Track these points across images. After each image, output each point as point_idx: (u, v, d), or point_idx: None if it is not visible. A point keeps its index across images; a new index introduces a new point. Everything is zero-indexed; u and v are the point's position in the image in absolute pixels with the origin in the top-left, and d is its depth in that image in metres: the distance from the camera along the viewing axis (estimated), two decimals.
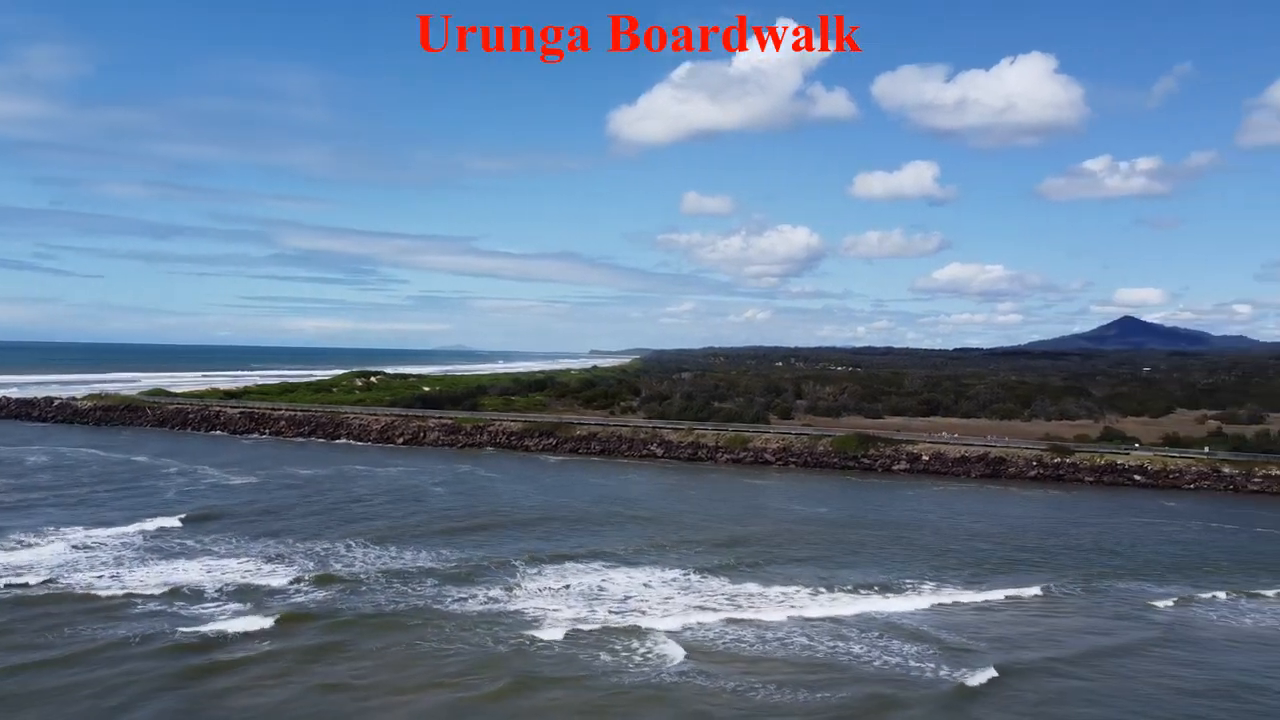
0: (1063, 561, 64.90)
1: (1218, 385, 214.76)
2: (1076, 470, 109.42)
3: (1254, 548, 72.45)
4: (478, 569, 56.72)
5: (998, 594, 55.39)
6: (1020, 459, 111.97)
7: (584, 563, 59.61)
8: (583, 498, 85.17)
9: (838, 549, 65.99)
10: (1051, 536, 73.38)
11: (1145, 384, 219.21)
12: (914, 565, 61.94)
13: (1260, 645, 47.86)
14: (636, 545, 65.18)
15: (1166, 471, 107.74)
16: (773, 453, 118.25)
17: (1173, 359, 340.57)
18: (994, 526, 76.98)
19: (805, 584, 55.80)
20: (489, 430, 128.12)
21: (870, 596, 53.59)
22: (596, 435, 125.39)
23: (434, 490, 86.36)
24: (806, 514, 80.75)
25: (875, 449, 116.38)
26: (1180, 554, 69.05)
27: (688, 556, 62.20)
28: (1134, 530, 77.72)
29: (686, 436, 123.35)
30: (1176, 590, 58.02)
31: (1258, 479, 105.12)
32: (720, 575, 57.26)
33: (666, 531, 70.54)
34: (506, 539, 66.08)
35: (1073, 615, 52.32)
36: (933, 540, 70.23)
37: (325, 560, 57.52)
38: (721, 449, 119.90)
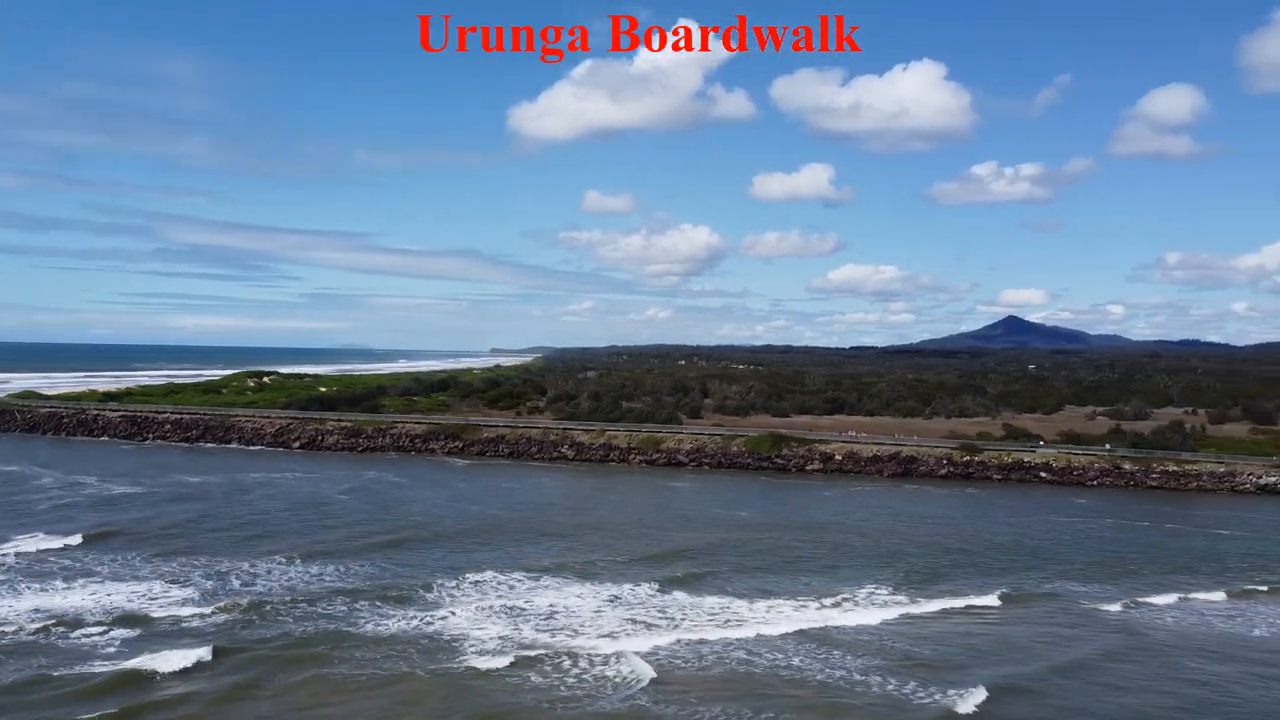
0: (1002, 565, 63.66)
1: (1102, 382, 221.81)
2: (985, 468, 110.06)
3: (1172, 545, 72.59)
4: (395, 586, 52.35)
5: (955, 602, 53.40)
6: (931, 458, 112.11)
7: (507, 575, 55.75)
8: (498, 504, 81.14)
9: (773, 557, 63.35)
10: (978, 538, 72.35)
11: (1035, 382, 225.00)
12: (857, 573, 59.74)
13: (1228, 654, 46.61)
14: (561, 556, 61.65)
15: (1071, 468, 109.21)
16: (686, 453, 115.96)
17: (1055, 357, 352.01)
18: (921, 529, 75.65)
19: (749, 596, 53.05)
20: (391, 433, 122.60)
21: (826, 609, 51.04)
22: (505, 437, 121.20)
23: (339, 499, 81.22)
24: (728, 518, 78.38)
25: (789, 449, 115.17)
26: (1107, 554, 68.51)
27: (616, 567, 58.89)
28: (1054, 530, 77.39)
29: (598, 438, 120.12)
30: (1119, 593, 57.10)
31: (1156, 475, 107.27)
32: (657, 587, 54.08)
33: (590, 539, 67.18)
34: (423, 551, 61.71)
35: (1036, 624, 50.49)
36: (865, 544, 68.34)
37: (226, 581, 52.38)
38: (634, 450, 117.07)
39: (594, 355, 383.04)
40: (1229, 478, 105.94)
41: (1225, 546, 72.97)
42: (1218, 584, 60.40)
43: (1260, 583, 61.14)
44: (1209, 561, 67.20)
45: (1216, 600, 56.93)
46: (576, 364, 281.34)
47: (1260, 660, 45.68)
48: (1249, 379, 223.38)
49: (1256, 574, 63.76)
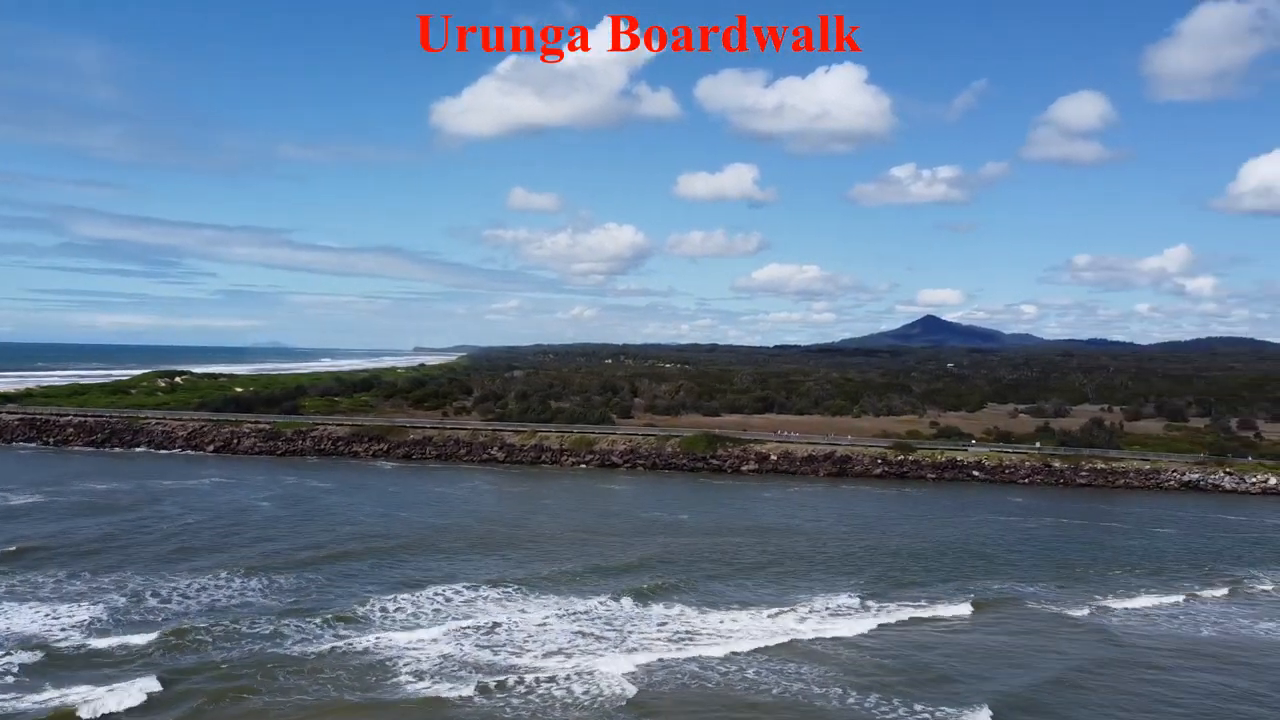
0: (958, 569, 61.94)
1: (1020, 381, 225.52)
2: (919, 467, 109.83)
3: (1114, 544, 72.25)
4: (327, 604, 48.59)
5: (925, 611, 51.45)
6: (866, 457, 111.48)
7: (448, 588, 52.37)
8: (431, 511, 77.48)
9: (725, 565, 60.91)
10: (926, 541, 70.88)
11: (957, 380, 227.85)
12: (815, 580, 57.56)
13: (1216, 659, 45.59)
14: (504, 567, 58.37)
15: (1003, 467, 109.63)
16: (620, 455, 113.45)
17: (972, 355, 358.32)
18: (868, 532, 73.99)
19: (709, 607, 50.46)
20: (312, 435, 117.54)
21: (795, 621, 48.54)
22: (432, 439, 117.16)
23: (260, 506, 76.61)
24: (671, 522, 75.96)
25: (724, 449, 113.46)
26: (1055, 555, 67.60)
27: (563, 578, 55.80)
28: (998, 530, 76.52)
29: (529, 439, 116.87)
30: (1081, 597, 55.93)
31: (1085, 473, 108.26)
32: (608, 599, 51.24)
33: (532, 547, 64.09)
34: (355, 564, 57.78)
35: (1014, 633, 48.59)
36: (815, 549, 66.37)
37: (140, 599, 48.00)
38: (567, 452, 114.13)
39: (520, 354, 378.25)
40: (1154, 475, 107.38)
41: (1163, 545, 72.98)
42: (1170, 585, 59.77)
43: (1211, 583, 60.86)
44: (1152, 560, 66.99)
45: (1176, 601, 56.07)
46: (502, 363, 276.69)
47: (1256, 666, 44.82)
48: (1158, 377, 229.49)
49: (1201, 573, 63.58)
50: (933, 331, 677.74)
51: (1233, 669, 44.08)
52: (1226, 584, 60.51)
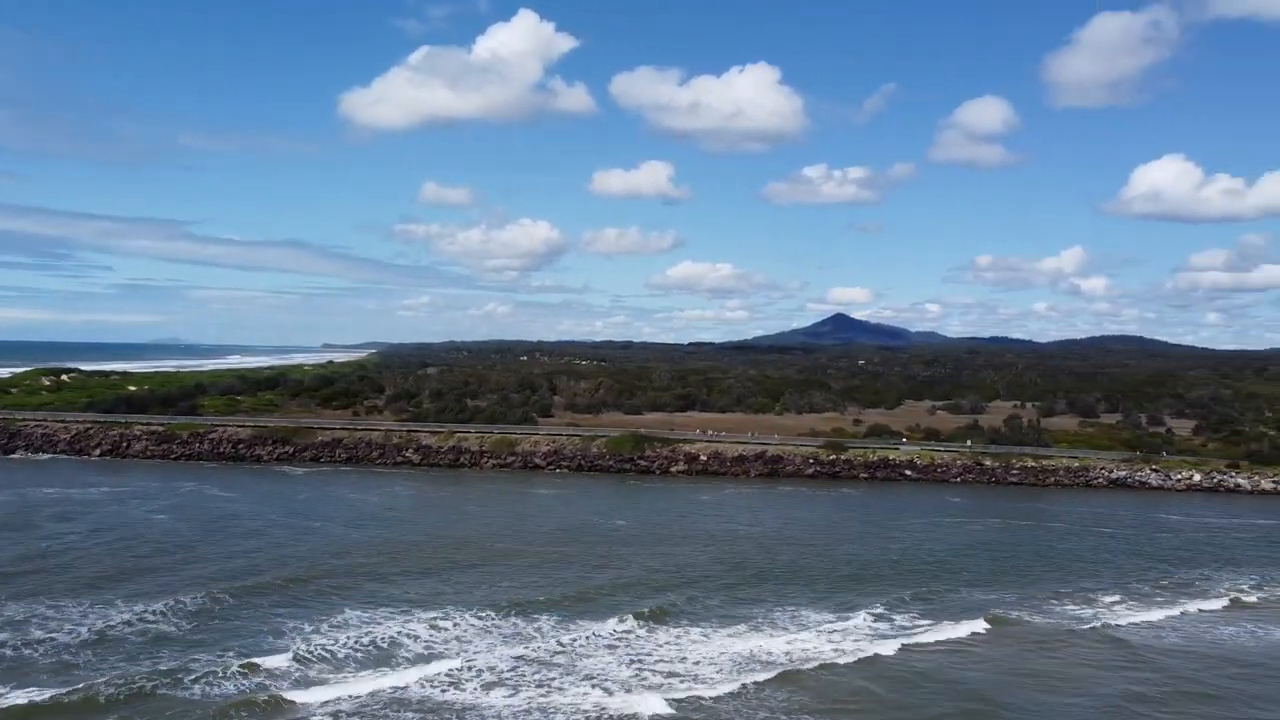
0: (934, 580, 57.54)
1: (935, 378, 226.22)
2: (852, 467, 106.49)
3: (1065, 547, 69.06)
4: (234, 633, 42.25)
5: (943, 632, 46.94)
6: (797, 457, 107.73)
7: (373, 613, 46.26)
8: (346, 520, 70.47)
9: (679, 576, 55.73)
10: (884, 547, 66.54)
11: (873, 377, 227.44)
12: (793, 593, 52.74)
13: (1238, 663, 43.02)
14: (433, 584, 52.28)
15: (935, 466, 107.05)
16: (543, 456, 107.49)
17: (882, 352, 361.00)
18: (820, 538, 69.16)
19: (675, 627, 45.49)
20: (211, 438, 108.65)
21: (811, 642, 43.99)
22: (342, 441, 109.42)
23: (154, 519, 68.53)
24: (607, 528, 70.47)
25: (651, 449, 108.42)
26: (1023, 561, 63.88)
27: (501, 595, 50.06)
28: (949, 535, 72.61)
29: (446, 440, 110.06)
30: (1082, 608, 52.52)
31: (1015, 471, 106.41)
32: (557, 621, 45.84)
33: (462, 560, 58.03)
34: (263, 584, 51.00)
35: (1049, 652, 44.67)
36: (769, 558, 61.41)
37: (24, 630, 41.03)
38: (486, 453, 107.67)
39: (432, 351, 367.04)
40: (1083, 473, 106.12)
41: (1117, 545, 70.23)
42: (1162, 594, 56.74)
43: (1197, 591, 58.01)
44: (1114, 564, 63.90)
45: (1183, 613, 52.74)
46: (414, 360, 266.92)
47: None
48: (1064, 374, 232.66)
49: (1177, 580, 60.56)
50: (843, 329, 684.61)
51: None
52: (1214, 592, 57.52)
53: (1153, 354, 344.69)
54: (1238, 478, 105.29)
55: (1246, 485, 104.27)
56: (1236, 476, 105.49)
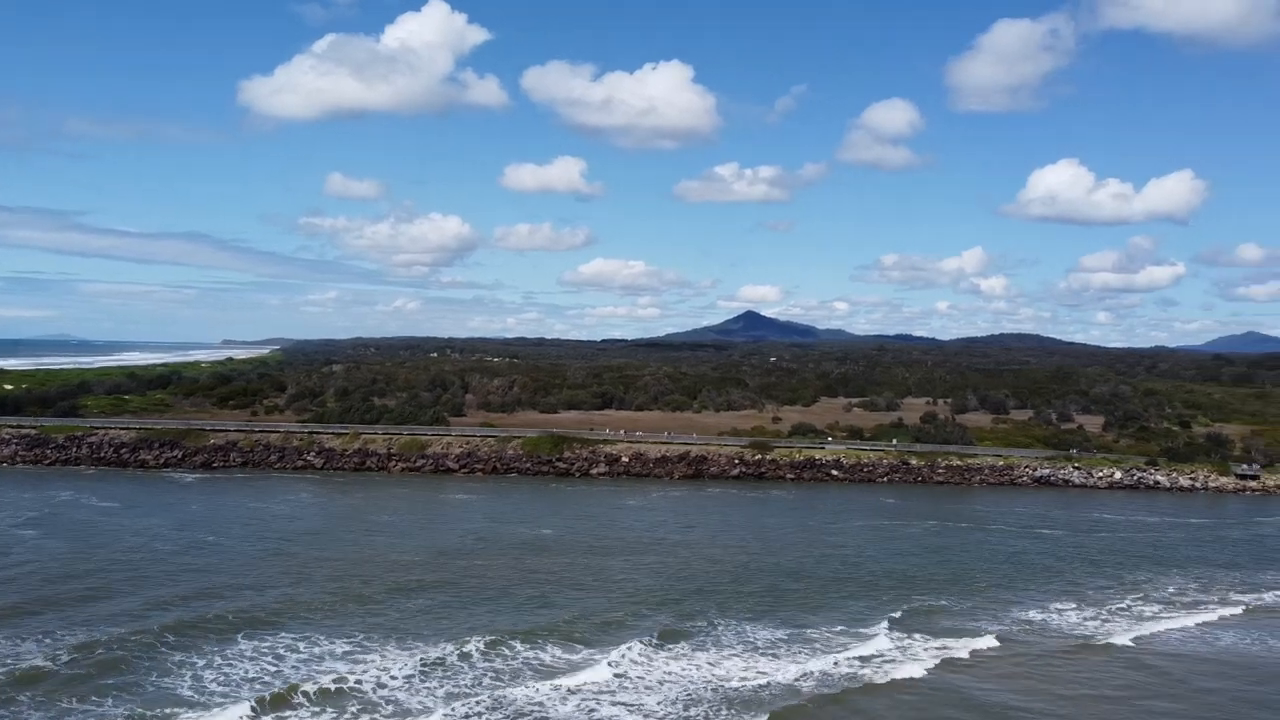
0: (895, 588, 52.97)
1: (848, 375, 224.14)
2: (778, 467, 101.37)
3: (1010, 549, 64.28)
4: (112, 665, 35.45)
5: (958, 645, 42.78)
6: (722, 457, 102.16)
7: (274, 640, 39.14)
8: (243, 533, 62.23)
9: (618, 591, 49.56)
10: (823, 552, 61.42)
11: (789, 374, 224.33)
12: (751, 611, 47.15)
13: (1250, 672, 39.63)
14: (342, 605, 45.09)
15: (861, 465, 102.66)
16: (456, 459, 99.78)
17: (792, 349, 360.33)
18: (757, 544, 63.63)
19: (631, 651, 39.50)
20: (90, 441, 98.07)
21: (834, 667, 38.65)
22: (237, 443, 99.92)
23: (22, 534, 59.65)
24: (533, 538, 63.59)
25: (570, 450, 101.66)
26: (980, 566, 59.72)
27: (421, 616, 43.42)
28: (886, 537, 67.79)
29: (351, 442, 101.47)
30: (1088, 617, 48.83)
31: (941, 469, 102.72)
32: (487, 645, 39.61)
33: (373, 575, 50.94)
34: (146, 608, 43.42)
35: (1083, 670, 40.73)
36: (719, 570, 55.52)
37: None
38: (395, 456, 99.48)
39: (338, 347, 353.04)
40: (1008, 471, 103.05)
41: (1062, 548, 66.12)
42: (1153, 601, 53.21)
43: (1192, 595, 54.58)
44: (1073, 569, 59.74)
45: (1195, 624, 49.00)
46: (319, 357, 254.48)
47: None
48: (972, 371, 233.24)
49: (1156, 585, 56.92)
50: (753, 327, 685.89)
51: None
52: (1210, 599, 54.11)
53: (1050, 351, 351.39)
54: (1157, 475, 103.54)
55: (1165, 482, 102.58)
56: (1155, 474, 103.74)
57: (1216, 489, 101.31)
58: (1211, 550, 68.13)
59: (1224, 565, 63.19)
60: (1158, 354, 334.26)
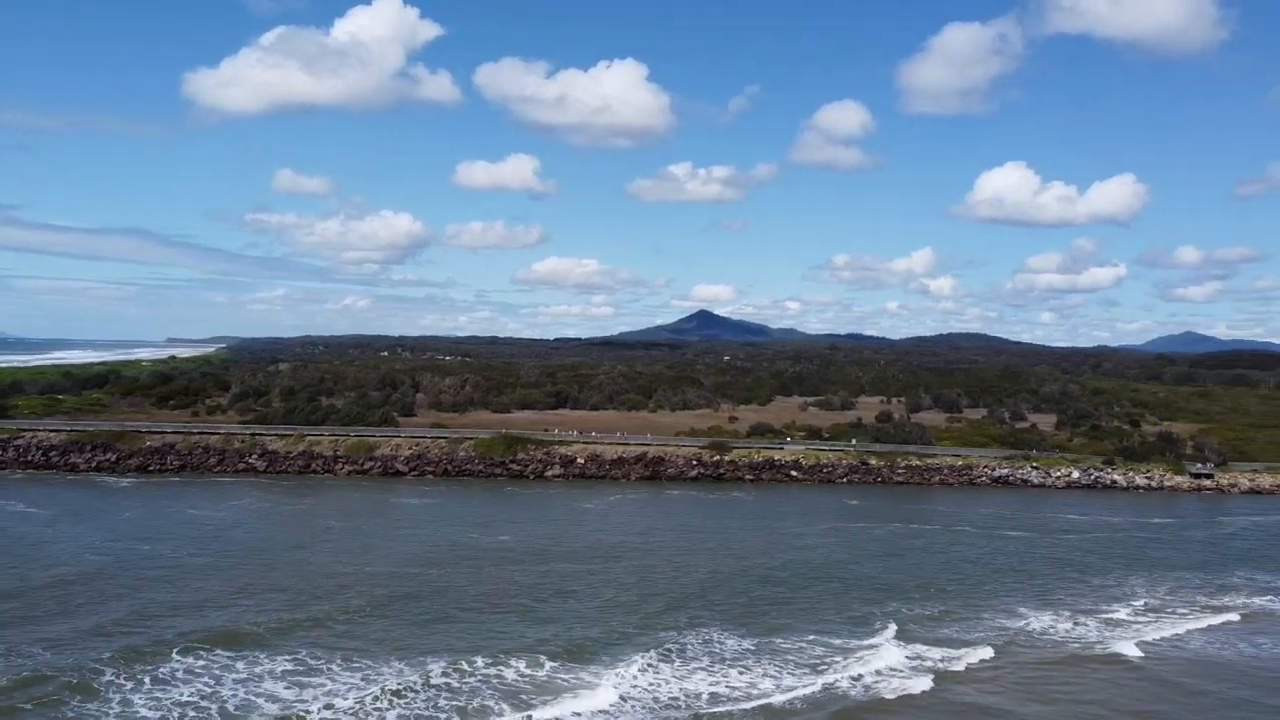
0: (887, 595, 50.44)
1: (802, 374, 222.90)
2: (736, 468, 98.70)
3: (980, 556, 62.17)
4: (37, 685, 32.39)
5: (954, 657, 40.32)
6: (680, 458, 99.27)
7: (210, 659, 35.57)
8: (179, 542, 58.10)
9: (593, 600, 46.17)
10: (793, 557, 58.93)
11: (744, 373, 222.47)
12: (730, 622, 44.22)
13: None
14: (288, 621, 41.54)
15: (820, 466, 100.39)
16: (405, 461, 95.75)
17: (746, 348, 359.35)
18: (721, 548, 60.73)
19: (645, 667, 36.73)
20: (16, 444, 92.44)
21: (754, 683, 34.64)
22: (175, 446, 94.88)
23: None
24: (490, 545, 60.13)
25: (525, 451, 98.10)
26: (964, 571, 57.42)
27: (376, 635, 39.90)
28: (855, 540, 65.07)
29: (296, 444, 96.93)
30: (1042, 622, 46.81)
31: (901, 470, 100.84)
32: (446, 666, 36.07)
33: (322, 589, 47.28)
34: (74, 624, 39.57)
35: (1056, 675, 39.07)
36: (674, 578, 52.24)
37: None
38: (342, 459, 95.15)
39: (286, 346, 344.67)
40: (967, 471, 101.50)
41: (1032, 551, 64.11)
42: (1153, 604, 51.45)
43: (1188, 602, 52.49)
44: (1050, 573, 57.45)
45: (1198, 628, 47.37)
46: (266, 356, 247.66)
47: None
48: (924, 371, 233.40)
49: (1133, 589, 55.04)
50: (707, 326, 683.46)
51: None
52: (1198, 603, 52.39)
53: (998, 350, 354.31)
54: (1114, 474, 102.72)
55: (1122, 481, 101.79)
56: (1113, 473, 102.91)
57: (1172, 488, 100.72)
58: (1179, 552, 66.69)
59: (1193, 567, 61.68)
60: (1101, 353, 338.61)
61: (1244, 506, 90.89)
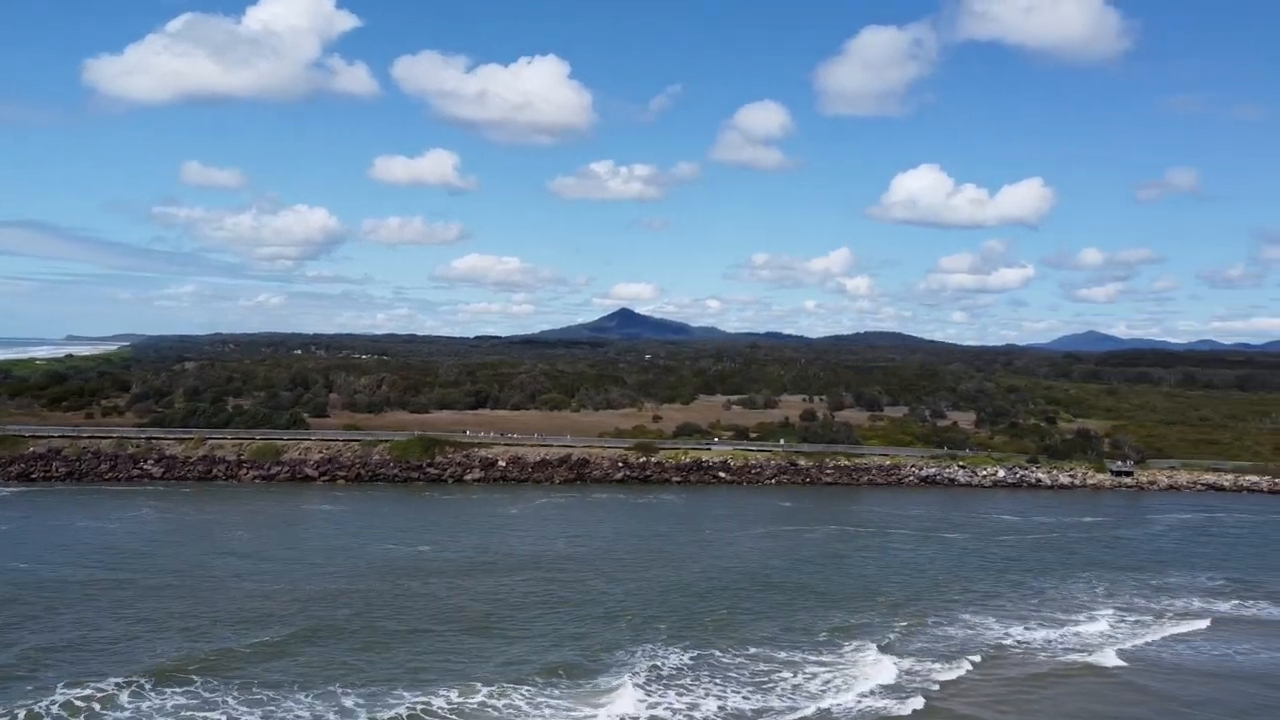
0: (832, 605, 47.02)
1: (725, 372, 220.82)
2: (663, 469, 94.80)
3: (921, 561, 59.29)
4: None
5: (925, 671, 36.61)
6: (605, 460, 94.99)
7: (101, 688, 30.86)
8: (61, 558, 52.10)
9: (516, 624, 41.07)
10: (733, 564, 55.16)
11: (667, 371, 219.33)
12: (672, 637, 40.11)
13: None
14: (189, 649, 36.38)
15: (749, 467, 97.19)
16: (315, 465, 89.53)
17: (667, 346, 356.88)
18: (659, 555, 56.56)
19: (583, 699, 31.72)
20: None
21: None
22: (62, 451, 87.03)
23: None
24: (411, 557, 55.08)
25: (443, 455, 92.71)
26: (886, 581, 53.73)
27: (292, 665, 34.79)
28: (792, 546, 61.36)
29: (197, 449, 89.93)
30: (999, 631, 43.96)
31: (830, 470, 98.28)
32: (364, 699, 31.15)
33: (225, 610, 41.95)
34: None
35: (1034, 690, 36.42)
36: (607, 589, 47.66)
37: None
38: (246, 464, 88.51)
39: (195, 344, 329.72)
40: (895, 470, 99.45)
41: (972, 556, 61.26)
42: (1123, 610, 48.64)
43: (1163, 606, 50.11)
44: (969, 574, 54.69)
45: (1181, 633, 45.33)
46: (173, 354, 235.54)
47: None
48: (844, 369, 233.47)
49: (1102, 593, 52.80)
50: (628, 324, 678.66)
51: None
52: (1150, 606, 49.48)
53: (912, 349, 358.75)
54: (1038, 473, 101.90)
55: (1047, 480, 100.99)
56: (1037, 471, 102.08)
57: (1095, 486, 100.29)
58: (1118, 553, 65.04)
59: (1131, 569, 59.88)
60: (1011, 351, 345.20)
61: (1166, 504, 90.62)
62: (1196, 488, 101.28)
